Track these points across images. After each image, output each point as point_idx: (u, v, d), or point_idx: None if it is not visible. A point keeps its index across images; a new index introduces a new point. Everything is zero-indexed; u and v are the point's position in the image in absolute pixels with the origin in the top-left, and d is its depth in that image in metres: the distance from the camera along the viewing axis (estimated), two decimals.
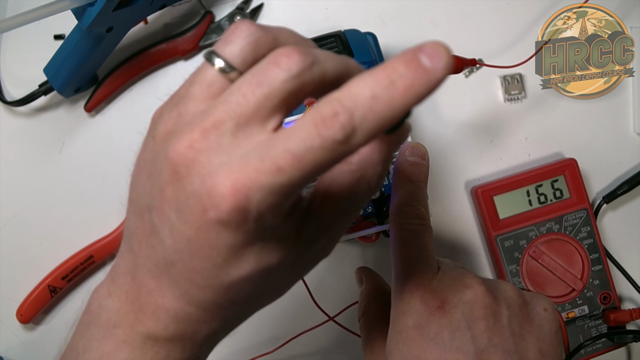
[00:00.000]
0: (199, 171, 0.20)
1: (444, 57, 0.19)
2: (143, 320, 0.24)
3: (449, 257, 0.35)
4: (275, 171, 0.19)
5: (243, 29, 0.23)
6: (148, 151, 0.24)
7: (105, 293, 0.26)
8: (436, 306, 0.30)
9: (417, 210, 0.33)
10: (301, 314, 0.48)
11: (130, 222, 0.25)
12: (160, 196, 0.22)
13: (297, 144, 0.19)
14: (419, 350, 0.30)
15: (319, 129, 0.19)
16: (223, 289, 0.23)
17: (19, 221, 0.49)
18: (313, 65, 0.21)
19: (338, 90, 0.20)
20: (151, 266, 0.24)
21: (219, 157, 0.20)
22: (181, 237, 0.22)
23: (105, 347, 0.25)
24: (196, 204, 0.21)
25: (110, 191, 0.49)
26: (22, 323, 0.47)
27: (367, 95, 0.19)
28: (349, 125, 0.19)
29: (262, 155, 0.20)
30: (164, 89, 0.49)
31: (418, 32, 0.50)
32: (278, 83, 0.21)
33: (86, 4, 0.38)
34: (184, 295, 0.23)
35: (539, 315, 0.32)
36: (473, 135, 0.51)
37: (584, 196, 0.49)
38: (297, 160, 0.19)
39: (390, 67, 0.20)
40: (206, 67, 0.23)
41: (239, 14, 0.49)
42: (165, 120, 0.23)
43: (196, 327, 0.25)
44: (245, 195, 0.19)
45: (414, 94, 0.19)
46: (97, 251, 0.47)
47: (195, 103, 0.23)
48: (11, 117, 0.49)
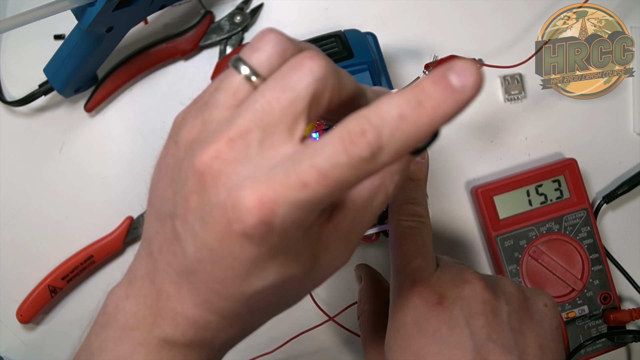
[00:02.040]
0: (226, 183, 0.20)
1: (473, 75, 0.19)
2: (161, 325, 0.24)
3: (449, 256, 0.35)
4: (300, 187, 0.19)
5: (271, 37, 0.23)
6: (170, 157, 0.24)
7: (123, 295, 0.26)
8: (434, 302, 0.30)
9: (417, 208, 0.33)
10: (301, 314, 0.48)
11: (151, 226, 0.25)
12: (184, 205, 0.22)
13: (323, 160, 0.19)
14: (418, 346, 0.30)
15: (346, 146, 0.19)
16: (244, 298, 0.23)
17: (19, 221, 0.49)
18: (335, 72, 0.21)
19: (366, 108, 0.20)
20: (172, 272, 0.24)
21: (245, 169, 0.20)
22: (204, 247, 0.22)
23: (121, 349, 0.25)
24: (221, 215, 0.21)
25: (110, 191, 0.49)
26: (22, 323, 0.47)
27: (395, 115, 0.19)
28: (376, 143, 0.19)
29: (288, 170, 0.20)
30: (164, 89, 0.49)
31: (418, 32, 0.50)
32: (302, 88, 0.21)
33: (86, 4, 0.38)
34: (204, 303, 0.24)
35: (539, 310, 0.32)
36: (473, 135, 0.51)
37: (584, 196, 0.49)
38: (322, 176, 0.19)
39: (419, 86, 0.20)
40: (232, 73, 0.23)
41: (239, 14, 0.49)
42: (189, 127, 0.23)
43: (215, 334, 0.25)
44: (270, 210, 0.19)
45: (442, 114, 0.19)
46: (97, 251, 0.47)
47: (220, 110, 0.22)
48: (11, 117, 0.49)
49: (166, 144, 0.25)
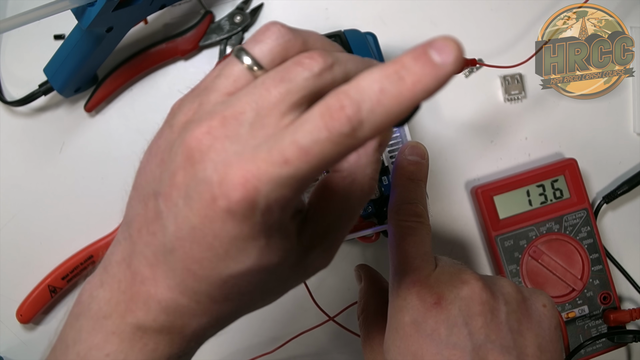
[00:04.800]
0: (214, 158, 0.21)
1: (454, 52, 0.19)
2: (133, 310, 0.24)
3: (449, 256, 0.35)
4: (282, 163, 0.19)
5: (274, 30, 0.23)
6: (163, 139, 0.24)
7: (97, 283, 0.26)
8: (433, 302, 0.30)
9: (416, 208, 0.33)
10: (301, 314, 0.48)
11: (132, 209, 0.25)
12: (170, 181, 0.22)
13: (304, 136, 0.19)
14: (416, 347, 0.30)
15: (325, 121, 0.19)
16: (220, 281, 0.23)
17: (19, 221, 0.49)
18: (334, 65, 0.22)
19: (347, 83, 0.20)
20: (149, 253, 0.24)
21: (234, 146, 0.21)
22: (185, 224, 0.22)
23: (94, 339, 0.25)
24: (206, 190, 0.21)
25: (110, 191, 0.49)
26: (22, 323, 0.47)
27: (376, 89, 0.19)
28: (356, 118, 0.19)
29: (270, 147, 0.20)
30: (164, 89, 0.49)
31: (418, 32, 0.50)
32: (300, 80, 0.21)
33: (86, 4, 0.38)
34: (179, 285, 0.23)
35: (537, 311, 0.32)
36: (473, 135, 0.51)
37: (584, 196, 0.49)
38: (303, 152, 0.19)
39: (399, 61, 0.20)
40: (234, 62, 0.23)
41: (239, 14, 0.49)
42: (186, 110, 0.23)
43: (186, 320, 0.25)
44: (254, 187, 0.20)
45: (423, 88, 0.19)
46: (97, 251, 0.47)
47: (218, 94, 0.23)
48: (11, 117, 0.49)
49: (160, 128, 0.25)
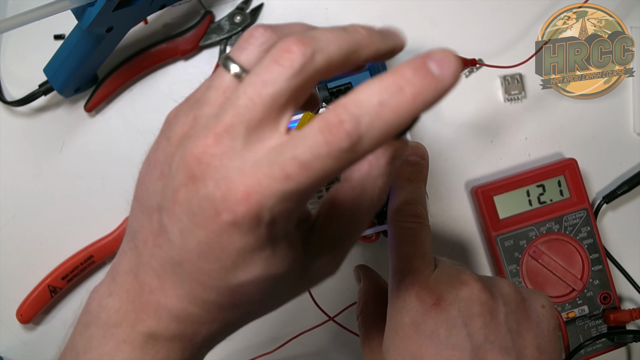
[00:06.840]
0: (214, 175, 0.21)
1: (453, 64, 0.19)
2: (144, 319, 0.24)
3: (449, 257, 0.35)
4: (284, 178, 0.20)
5: (257, 35, 0.23)
6: (161, 151, 0.24)
7: (106, 292, 0.26)
8: (432, 303, 0.30)
9: (416, 209, 0.33)
10: (301, 314, 0.48)
11: (136, 220, 0.25)
12: (172, 197, 0.22)
13: (304, 151, 0.19)
14: (415, 348, 0.30)
15: (325, 136, 0.19)
16: (228, 291, 0.23)
17: (19, 221, 0.49)
18: (315, 55, 0.21)
19: (345, 96, 0.20)
20: (156, 265, 0.24)
21: (232, 162, 0.21)
22: (191, 238, 0.22)
23: (105, 347, 0.25)
24: (209, 207, 0.21)
25: (110, 191, 0.49)
26: (22, 323, 0.47)
27: (374, 102, 0.19)
28: (355, 133, 0.19)
29: (271, 162, 0.20)
30: (164, 89, 0.49)
31: (418, 32, 0.50)
32: (282, 82, 0.21)
33: (86, 4, 0.38)
34: (188, 295, 0.24)
35: (536, 312, 0.32)
36: (473, 135, 0.51)
37: (584, 196, 0.49)
38: (304, 168, 0.19)
39: (398, 73, 0.20)
40: (222, 72, 0.23)
41: (239, 14, 0.49)
42: (181, 123, 0.23)
43: (196, 328, 0.25)
44: (257, 201, 0.20)
45: (422, 101, 0.19)
46: (97, 251, 0.47)
47: (210, 107, 0.23)
48: (11, 117, 0.49)
49: (157, 139, 0.25)
